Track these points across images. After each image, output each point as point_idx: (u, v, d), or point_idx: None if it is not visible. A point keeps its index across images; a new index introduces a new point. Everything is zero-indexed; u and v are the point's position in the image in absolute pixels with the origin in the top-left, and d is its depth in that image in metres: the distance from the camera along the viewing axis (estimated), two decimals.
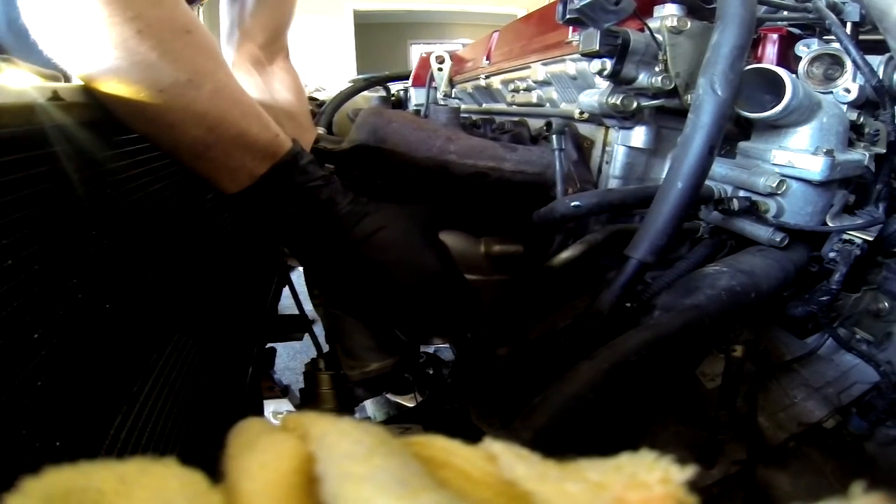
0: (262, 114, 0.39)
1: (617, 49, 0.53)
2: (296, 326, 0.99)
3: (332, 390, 0.63)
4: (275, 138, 0.40)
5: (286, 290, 0.98)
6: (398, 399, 1.16)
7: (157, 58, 0.32)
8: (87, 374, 0.28)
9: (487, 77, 1.01)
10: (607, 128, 0.65)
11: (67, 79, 0.33)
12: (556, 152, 0.58)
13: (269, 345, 1.00)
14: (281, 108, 0.67)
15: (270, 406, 1.19)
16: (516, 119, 0.87)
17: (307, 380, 0.65)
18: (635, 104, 0.56)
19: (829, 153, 0.47)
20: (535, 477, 0.12)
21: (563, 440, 0.36)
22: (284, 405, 1.20)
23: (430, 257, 0.43)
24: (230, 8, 0.67)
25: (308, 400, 0.63)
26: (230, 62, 0.67)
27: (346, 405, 0.62)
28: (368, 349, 0.54)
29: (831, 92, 0.52)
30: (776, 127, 0.51)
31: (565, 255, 0.55)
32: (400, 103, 1.45)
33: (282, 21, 0.70)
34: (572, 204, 0.53)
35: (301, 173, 0.41)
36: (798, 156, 0.48)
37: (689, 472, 0.12)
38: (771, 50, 0.56)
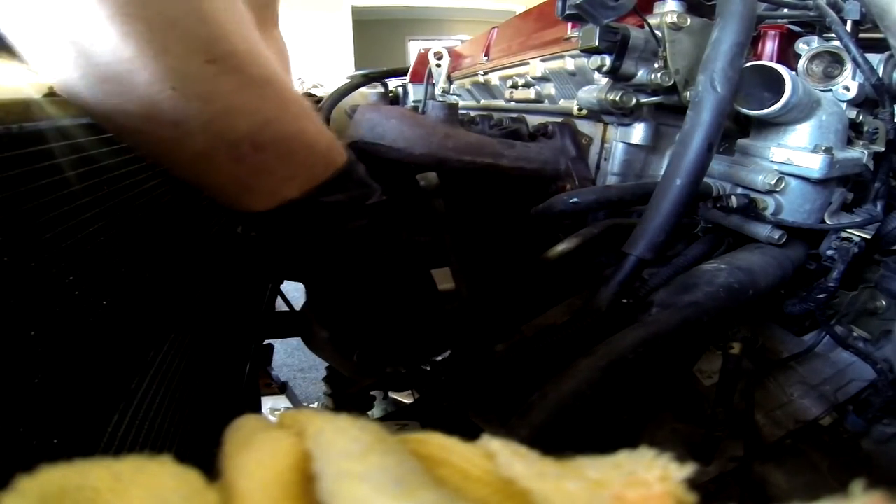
0: (315, 112, 0.32)
1: (616, 45, 0.53)
2: (293, 323, 0.99)
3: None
4: (333, 141, 0.32)
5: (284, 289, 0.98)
6: (396, 395, 1.16)
7: (199, 21, 0.24)
8: (84, 372, 0.28)
9: (486, 73, 1.01)
10: (606, 124, 0.65)
11: None
12: None
13: (266, 341, 1.00)
14: None
15: (268, 402, 1.19)
16: (514, 115, 0.86)
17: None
18: (634, 101, 0.56)
19: (827, 151, 0.47)
20: (533, 475, 0.12)
21: (560, 437, 0.36)
22: (282, 401, 1.20)
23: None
24: None
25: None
26: None
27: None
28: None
29: (831, 90, 0.51)
30: (775, 124, 0.51)
31: (561, 247, 0.55)
32: (398, 99, 1.44)
33: None
34: (571, 200, 0.53)
35: (363, 185, 0.34)
36: (797, 153, 0.48)
37: (688, 469, 0.12)
38: (771, 47, 0.56)
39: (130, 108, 0.25)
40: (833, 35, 0.51)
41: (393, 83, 1.47)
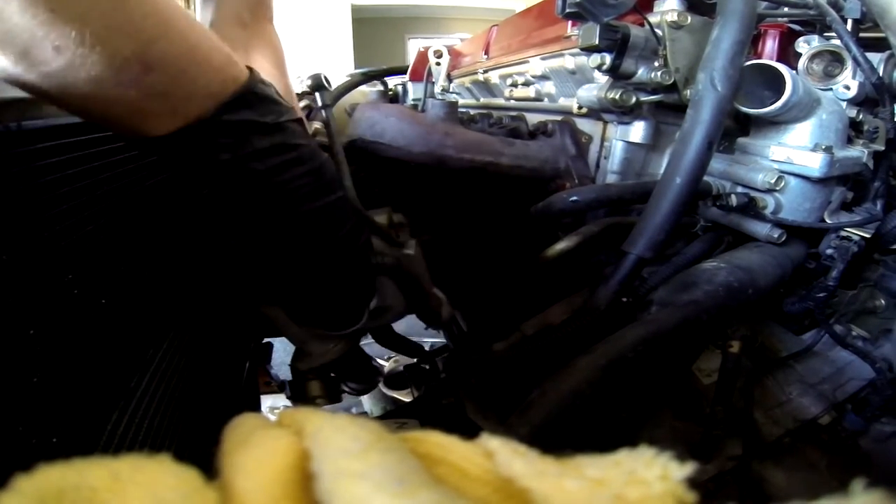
0: (207, 28, 0.31)
1: (616, 43, 0.53)
2: None
3: (317, 381, 0.62)
4: (230, 58, 0.31)
5: None
6: (395, 394, 1.16)
7: None
8: (83, 371, 0.28)
9: (485, 72, 1.01)
10: (606, 123, 0.65)
11: None
12: None
13: (265, 339, 1.00)
14: None
15: (267, 401, 1.19)
16: (514, 114, 0.86)
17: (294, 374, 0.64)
18: (634, 99, 0.56)
19: (827, 150, 0.47)
20: (532, 473, 0.12)
21: (560, 436, 0.36)
22: (281, 400, 1.20)
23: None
24: None
25: (297, 396, 0.63)
26: (210, 19, 0.59)
27: (333, 396, 0.62)
28: (308, 340, 0.54)
29: (831, 89, 0.51)
30: (775, 123, 0.51)
31: (560, 246, 0.54)
32: (397, 98, 1.44)
33: None
34: (570, 199, 0.53)
35: (271, 103, 0.33)
36: (797, 152, 0.48)
37: (688, 468, 0.12)
38: (771, 46, 0.56)
39: (14, 39, 0.24)
40: (833, 34, 0.51)
41: (392, 81, 1.47)
